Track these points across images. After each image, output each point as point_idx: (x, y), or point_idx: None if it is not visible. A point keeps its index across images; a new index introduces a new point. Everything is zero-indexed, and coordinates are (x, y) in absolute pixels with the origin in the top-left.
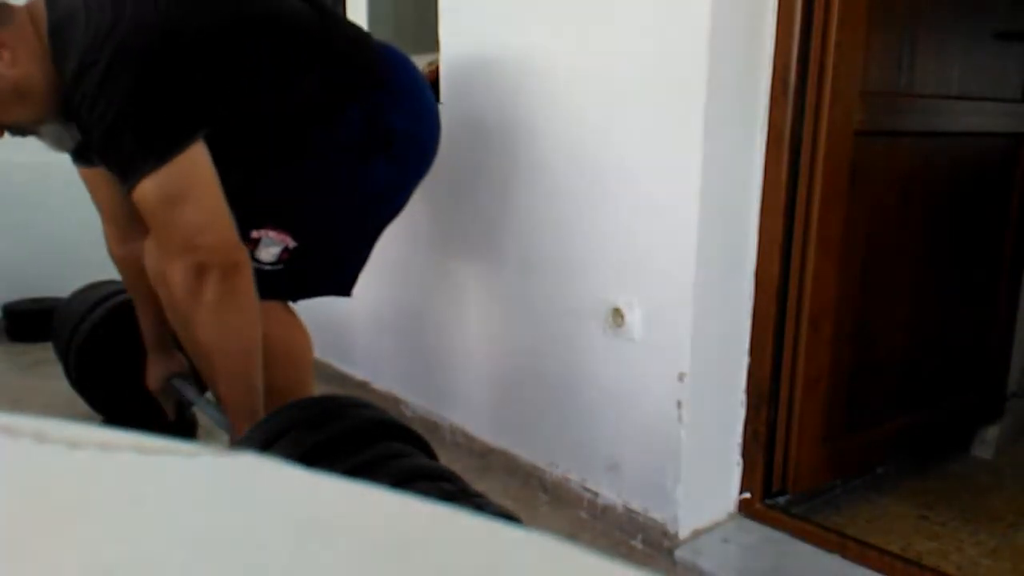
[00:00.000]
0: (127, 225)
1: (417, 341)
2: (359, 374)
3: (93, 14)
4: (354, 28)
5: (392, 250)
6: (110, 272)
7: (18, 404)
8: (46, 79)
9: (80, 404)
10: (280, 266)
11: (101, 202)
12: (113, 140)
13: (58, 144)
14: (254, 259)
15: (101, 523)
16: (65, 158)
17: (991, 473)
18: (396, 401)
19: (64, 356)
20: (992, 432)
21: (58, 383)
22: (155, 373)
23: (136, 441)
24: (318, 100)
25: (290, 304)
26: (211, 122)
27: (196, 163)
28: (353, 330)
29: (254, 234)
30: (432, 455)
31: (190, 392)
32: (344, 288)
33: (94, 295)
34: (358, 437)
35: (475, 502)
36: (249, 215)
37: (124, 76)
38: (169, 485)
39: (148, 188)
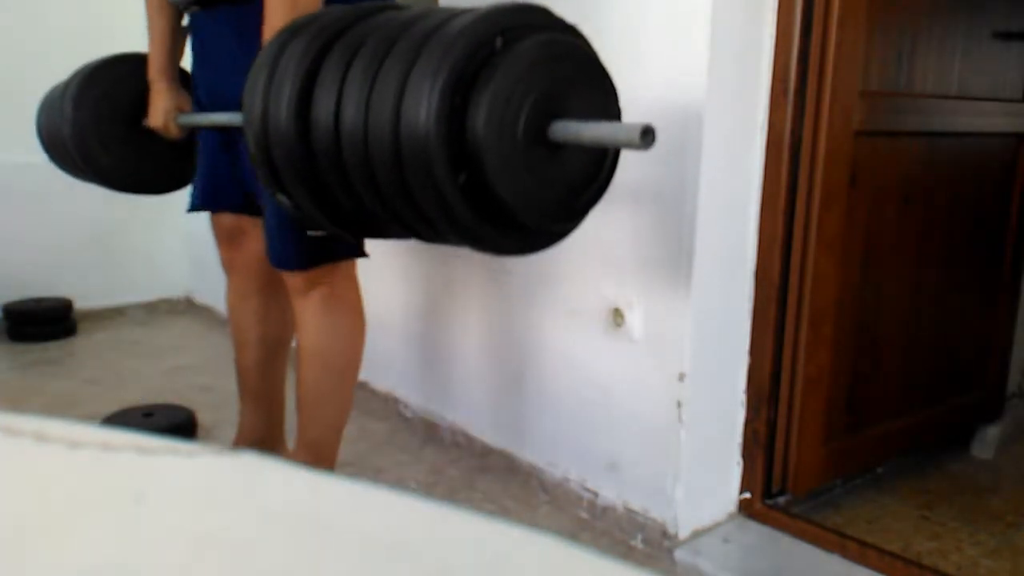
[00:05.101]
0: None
1: (417, 341)
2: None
3: None
4: None
5: (392, 250)
6: (110, 273)
7: (18, 404)
8: None
9: (80, 404)
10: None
11: (154, 28)
12: None
13: None
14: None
15: (101, 523)
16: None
17: (991, 473)
18: (396, 401)
19: (59, 149)
20: (992, 432)
21: (58, 383)
22: (160, 106)
23: (136, 441)
24: None
25: None
26: None
27: None
28: None
29: None
30: None
31: (199, 119)
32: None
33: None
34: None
35: None
36: None
37: None
38: (169, 485)
39: None
